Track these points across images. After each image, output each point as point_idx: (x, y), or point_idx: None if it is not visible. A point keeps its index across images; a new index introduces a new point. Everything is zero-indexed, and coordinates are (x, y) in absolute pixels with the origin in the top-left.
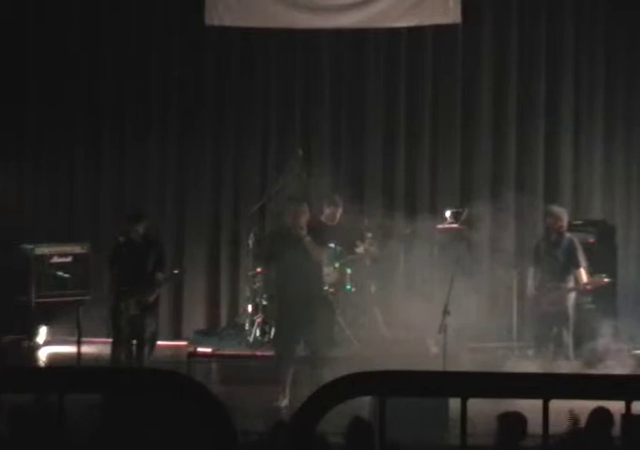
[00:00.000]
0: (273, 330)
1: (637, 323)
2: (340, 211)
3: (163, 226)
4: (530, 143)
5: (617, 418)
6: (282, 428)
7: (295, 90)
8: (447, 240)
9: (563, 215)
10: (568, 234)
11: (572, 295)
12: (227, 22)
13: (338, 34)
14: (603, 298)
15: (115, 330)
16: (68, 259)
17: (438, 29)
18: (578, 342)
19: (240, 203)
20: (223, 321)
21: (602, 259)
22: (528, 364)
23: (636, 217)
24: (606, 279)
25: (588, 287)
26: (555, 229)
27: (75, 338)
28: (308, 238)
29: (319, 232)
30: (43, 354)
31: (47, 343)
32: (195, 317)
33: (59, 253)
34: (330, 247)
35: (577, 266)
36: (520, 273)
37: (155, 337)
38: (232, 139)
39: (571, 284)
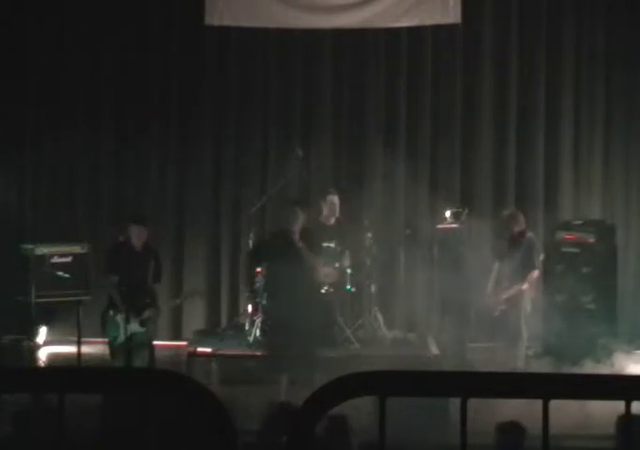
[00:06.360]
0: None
1: (637, 323)
2: (337, 208)
3: (163, 226)
4: (530, 143)
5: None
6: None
7: (295, 90)
8: (446, 240)
9: (522, 216)
10: (529, 234)
11: (528, 294)
12: (227, 21)
13: (338, 34)
14: (603, 298)
15: (108, 339)
16: (68, 259)
17: (438, 29)
18: (577, 342)
19: (240, 203)
20: (223, 321)
21: (602, 259)
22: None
23: (636, 217)
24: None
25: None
26: (517, 230)
27: (75, 338)
28: (301, 244)
29: (313, 237)
30: (43, 354)
31: (47, 343)
32: (195, 317)
33: (59, 253)
34: (330, 247)
35: (532, 267)
36: None
37: (152, 343)
38: (232, 138)
39: (525, 285)
